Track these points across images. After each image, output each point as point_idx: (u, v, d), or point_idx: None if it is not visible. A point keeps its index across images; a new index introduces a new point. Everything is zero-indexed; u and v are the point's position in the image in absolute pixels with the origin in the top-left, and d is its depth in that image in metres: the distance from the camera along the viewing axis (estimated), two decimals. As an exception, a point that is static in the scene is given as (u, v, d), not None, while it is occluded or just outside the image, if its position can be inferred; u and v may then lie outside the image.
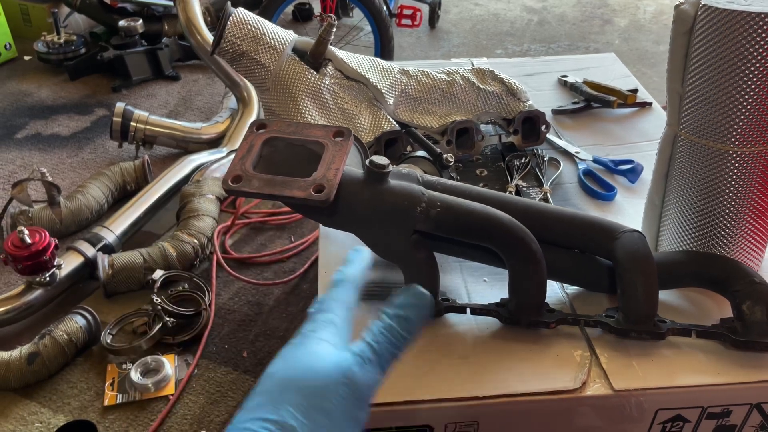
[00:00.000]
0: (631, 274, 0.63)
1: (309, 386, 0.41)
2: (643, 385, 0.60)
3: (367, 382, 0.43)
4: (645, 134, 1.02)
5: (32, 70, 2.26)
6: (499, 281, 0.72)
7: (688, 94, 0.65)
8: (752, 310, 0.62)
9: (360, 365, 0.43)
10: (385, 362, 0.45)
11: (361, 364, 0.44)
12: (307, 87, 0.88)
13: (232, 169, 0.59)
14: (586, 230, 0.67)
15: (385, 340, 0.45)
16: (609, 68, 1.22)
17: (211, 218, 1.43)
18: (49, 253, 1.19)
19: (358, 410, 0.43)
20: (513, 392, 0.60)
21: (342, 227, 0.64)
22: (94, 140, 1.88)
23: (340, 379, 0.42)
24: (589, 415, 0.61)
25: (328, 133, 0.61)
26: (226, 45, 0.86)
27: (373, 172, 0.60)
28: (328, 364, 0.43)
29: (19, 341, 1.19)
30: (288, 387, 0.41)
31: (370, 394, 0.44)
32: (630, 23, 2.77)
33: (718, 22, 0.60)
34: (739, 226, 0.68)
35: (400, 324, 0.46)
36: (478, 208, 0.62)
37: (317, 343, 0.44)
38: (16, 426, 1.08)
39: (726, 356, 0.63)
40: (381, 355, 0.45)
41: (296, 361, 0.43)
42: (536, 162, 0.94)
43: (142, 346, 1.17)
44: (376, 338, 0.45)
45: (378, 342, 0.45)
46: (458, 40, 2.63)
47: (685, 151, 0.68)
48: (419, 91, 0.95)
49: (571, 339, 0.65)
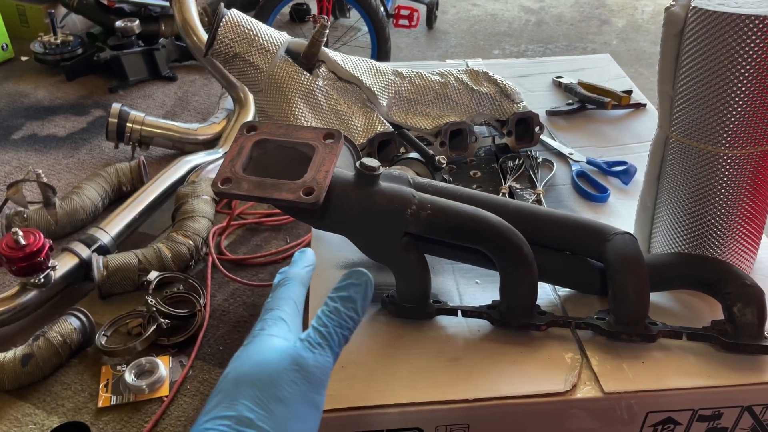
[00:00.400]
0: (621, 276, 0.63)
1: (261, 378, 0.42)
2: (634, 387, 0.60)
3: (318, 365, 0.45)
4: (639, 136, 1.02)
5: (29, 71, 2.25)
6: (491, 283, 0.72)
7: (679, 96, 0.65)
8: (743, 312, 0.61)
9: (309, 350, 0.45)
10: (335, 344, 0.47)
11: (311, 349, 0.45)
12: (300, 88, 0.88)
13: (221, 172, 0.59)
14: (578, 232, 0.67)
15: (332, 323, 0.47)
16: (604, 69, 1.22)
17: (207, 219, 1.43)
18: (44, 255, 1.19)
19: (313, 394, 0.44)
20: (503, 395, 0.60)
21: (332, 229, 0.64)
22: (91, 141, 1.88)
23: (291, 366, 0.44)
24: (580, 418, 0.61)
25: (318, 136, 0.61)
26: (218, 46, 0.86)
27: (364, 175, 0.60)
28: (277, 355, 0.44)
29: (13, 343, 1.18)
30: (241, 383, 0.42)
31: (324, 378, 0.45)
32: (628, 24, 2.77)
33: (709, 24, 0.60)
34: (731, 228, 0.68)
35: (345, 305, 0.48)
36: (468, 211, 0.61)
37: (267, 339, 0.46)
38: (10, 427, 1.07)
39: (717, 359, 0.63)
40: (330, 338, 0.46)
41: (248, 357, 0.44)
42: (530, 163, 0.94)
43: (136, 348, 1.17)
44: (322, 323, 0.47)
45: (325, 326, 0.47)
46: (456, 40, 2.63)
47: (676, 154, 0.68)
48: (413, 93, 0.95)
49: (562, 341, 0.65)
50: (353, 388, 0.60)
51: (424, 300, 0.66)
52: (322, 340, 0.46)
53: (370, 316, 0.68)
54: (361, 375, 0.62)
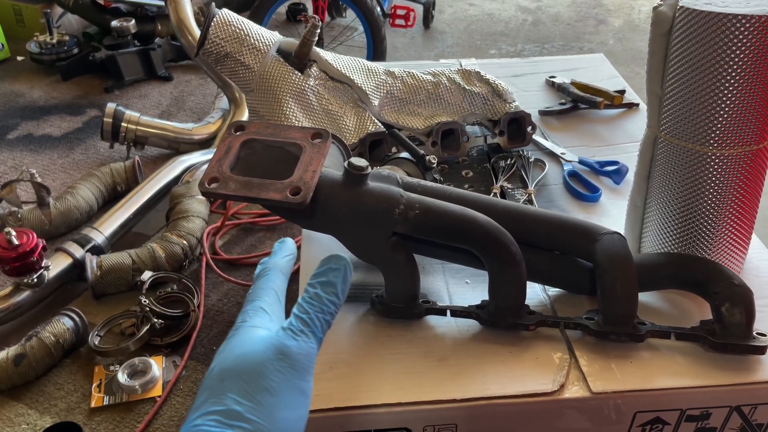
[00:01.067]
0: (610, 276, 0.63)
1: (247, 371, 0.42)
2: (622, 387, 0.60)
3: (303, 352, 0.45)
4: (631, 135, 1.02)
5: (25, 71, 2.25)
6: (481, 283, 0.72)
7: (667, 96, 0.65)
8: (731, 312, 0.62)
9: (292, 338, 0.45)
10: (318, 330, 0.47)
11: (294, 337, 0.45)
12: (292, 88, 0.88)
13: (209, 171, 0.58)
14: (567, 232, 0.67)
15: (313, 309, 0.47)
16: (598, 69, 1.22)
17: (201, 219, 1.43)
18: (37, 255, 1.19)
19: (300, 381, 0.44)
20: (492, 395, 0.60)
21: (321, 229, 0.64)
22: (86, 141, 1.87)
23: (275, 355, 0.44)
24: (568, 418, 0.61)
25: (306, 135, 0.61)
26: (210, 46, 0.86)
27: (352, 174, 0.60)
28: (261, 345, 0.44)
29: (6, 343, 1.18)
30: (227, 376, 0.42)
31: (309, 364, 0.46)
32: (624, 23, 2.77)
33: (696, 24, 0.60)
34: (720, 228, 0.68)
35: (325, 290, 0.49)
36: (456, 210, 0.61)
37: (249, 330, 0.46)
38: (2, 427, 1.07)
39: (705, 358, 0.63)
40: (312, 324, 0.47)
41: (231, 351, 0.44)
42: (522, 163, 0.94)
43: (129, 348, 1.17)
44: (304, 309, 0.47)
45: (306, 312, 0.47)
46: (452, 40, 2.63)
47: (665, 153, 0.68)
48: (405, 93, 0.95)
49: (550, 341, 0.65)
50: (341, 388, 0.60)
51: (413, 300, 0.66)
52: (305, 326, 0.46)
53: (359, 316, 0.68)
54: (350, 375, 0.62)
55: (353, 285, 0.72)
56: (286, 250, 0.56)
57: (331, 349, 0.64)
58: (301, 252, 0.79)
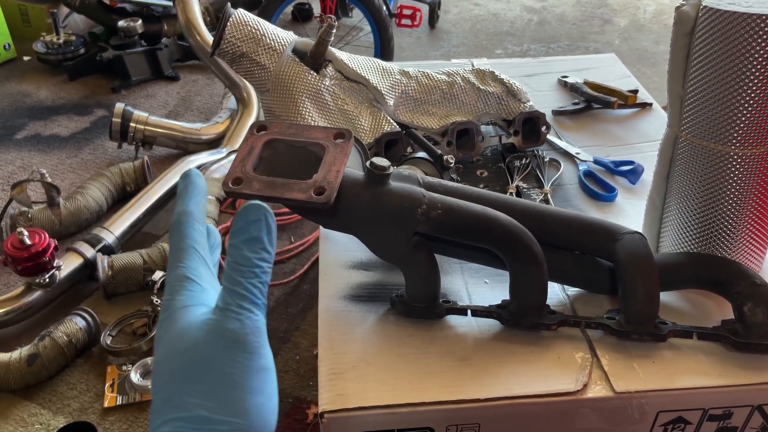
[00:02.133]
0: (632, 275, 0.63)
1: (197, 371, 0.39)
2: (644, 387, 0.60)
3: (249, 331, 0.40)
4: (645, 135, 1.02)
5: (31, 71, 2.25)
6: (500, 283, 0.72)
7: (689, 96, 0.65)
8: (753, 311, 0.61)
9: (234, 319, 0.40)
10: (257, 297, 0.41)
11: (236, 317, 0.40)
12: (307, 88, 0.88)
13: (232, 171, 0.58)
14: (587, 232, 0.67)
15: (244, 278, 0.41)
16: (609, 69, 1.22)
17: (211, 219, 1.43)
18: (49, 255, 1.19)
19: (257, 360, 0.40)
20: (514, 394, 0.60)
21: (342, 229, 0.64)
22: (94, 141, 1.88)
23: (222, 345, 0.39)
24: (590, 417, 0.61)
25: (328, 135, 0.61)
26: (225, 46, 0.86)
27: (374, 174, 0.60)
28: (203, 336, 0.40)
29: (18, 343, 1.18)
30: (178, 379, 0.39)
31: (260, 339, 0.41)
32: (630, 23, 2.77)
33: (719, 24, 0.60)
34: (741, 227, 0.68)
35: (251, 248, 0.42)
36: (478, 210, 0.61)
37: (181, 314, 0.41)
38: (16, 427, 1.07)
39: (727, 358, 0.63)
40: (250, 294, 0.41)
41: (172, 344, 0.40)
42: (537, 163, 0.94)
43: (142, 348, 1.17)
44: (234, 281, 0.41)
45: (238, 283, 0.41)
46: (458, 40, 2.63)
47: (686, 153, 0.68)
48: (419, 92, 0.95)
49: (572, 341, 0.65)
50: (363, 388, 0.60)
51: (433, 300, 0.66)
52: (243, 300, 0.40)
53: (379, 315, 0.68)
54: (371, 374, 0.62)
55: (372, 285, 0.72)
56: (193, 191, 0.46)
57: (352, 349, 0.64)
58: (319, 252, 0.79)
